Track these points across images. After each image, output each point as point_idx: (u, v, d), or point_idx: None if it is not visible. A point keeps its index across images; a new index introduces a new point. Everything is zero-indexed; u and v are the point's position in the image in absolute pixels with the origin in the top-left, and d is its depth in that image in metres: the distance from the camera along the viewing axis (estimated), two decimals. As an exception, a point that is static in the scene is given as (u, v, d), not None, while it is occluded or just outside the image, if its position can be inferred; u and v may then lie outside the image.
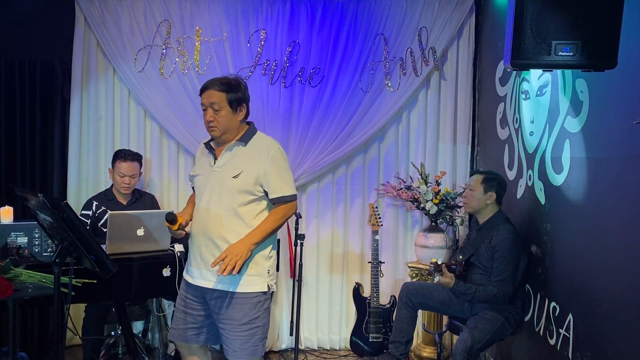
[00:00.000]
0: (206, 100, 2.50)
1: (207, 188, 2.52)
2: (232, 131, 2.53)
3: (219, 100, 2.47)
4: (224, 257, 2.37)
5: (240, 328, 2.48)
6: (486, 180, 3.29)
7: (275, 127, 4.12)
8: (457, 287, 3.14)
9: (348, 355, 4.18)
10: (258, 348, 2.52)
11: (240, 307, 2.48)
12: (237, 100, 2.50)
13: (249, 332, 2.48)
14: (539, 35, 1.80)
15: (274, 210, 2.53)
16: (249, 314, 2.48)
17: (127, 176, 3.65)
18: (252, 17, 4.12)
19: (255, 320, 2.50)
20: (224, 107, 2.48)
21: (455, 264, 3.29)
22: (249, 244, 2.42)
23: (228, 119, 2.49)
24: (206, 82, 2.56)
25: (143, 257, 3.04)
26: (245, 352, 2.49)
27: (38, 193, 2.21)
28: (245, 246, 2.41)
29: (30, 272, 2.59)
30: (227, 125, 2.50)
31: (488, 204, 3.27)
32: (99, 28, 4.02)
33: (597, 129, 2.52)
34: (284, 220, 2.54)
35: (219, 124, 2.49)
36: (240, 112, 2.53)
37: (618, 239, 2.33)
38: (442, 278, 3.13)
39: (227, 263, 2.35)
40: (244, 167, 2.48)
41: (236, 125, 2.54)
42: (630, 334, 2.22)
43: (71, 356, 3.98)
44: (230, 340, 2.50)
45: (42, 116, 4.06)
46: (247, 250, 2.40)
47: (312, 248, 4.27)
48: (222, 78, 2.54)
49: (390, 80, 4.18)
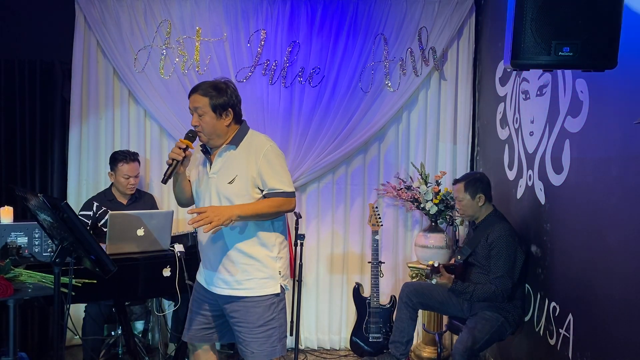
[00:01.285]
0: (191, 104, 2.46)
1: (205, 195, 2.50)
2: (219, 136, 2.48)
3: (202, 104, 2.42)
4: (204, 211, 2.29)
5: (256, 330, 2.47)
6: (467, 185, 3.29)
7: (275, 127, 4.12)
8: (455, 287, 3.14)
9: (348, 355, 4.18)
10: (277, 348, 2.51)
11: (254, 310, 2.47)
12: (221, 106, 2.43)
13: (265, 333, 2.48)
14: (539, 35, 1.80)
15: (271, 198, 2.45)
16: (264, 316, 2.47)
17: (131, 177, 3.67)
18: (252, 17, 4.12)
19: (271, 322, 2.49)
20: (207, 112, 2.42)
21: (453, 264, 3.29)
22: (232, 212, 2.32)
23: (212, 124, 2.43)
24: (194, 85, 2.52)
25: (143, 257, 3.04)
26: (263, 353, 2.48)
27: (38, 193, 2.21)
28: (228, 212, 2.32)
29: (30, 272, 2.58)
30: (212, 131, 2.45)
31: (481, 207, 3.28)
32: (99, 28, 4.02)
33: (597, 129, 2.52)
34: (276, 210, 2.44)
35: (203, 129, 2.44)
36: (226, 117, 2.46)
37: (618, 239, 2.33)
38: (440, 279, 3.13)
39: (202, 217, 2.27)
40: (238, 171, 2.44)
41: (222, 130, 2.47)
42: (630, 334, 2.22)
43: (71, 356, 3.98)
44: (247, 343, 2.49)
45: (42, 116, 4.07)
46: (228, 215, 2.30)
47: (312, 248, 4.27)
48: (209, 82, 2.49)
49: (390, 80, 4.18)
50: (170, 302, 3.74)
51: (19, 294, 2.44)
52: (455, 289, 3.15)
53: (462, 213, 3.37)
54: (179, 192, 2.59)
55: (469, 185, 3.29)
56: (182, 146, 2.43)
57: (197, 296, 2.64)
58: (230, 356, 3.97)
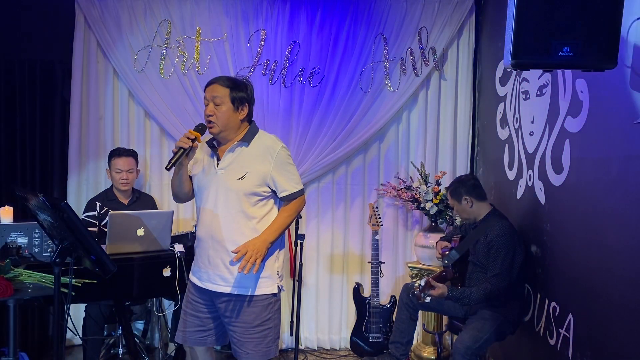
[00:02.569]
0: (209, 93, 2.47)
1: (211, 190, 2.49)
2: (232, 130, 2.49)
3: (222, 95, 2.44)
4: (245, 252, 2.34)
5: (252, 330, 2.47)
6: (452, 193, 3.34)
7: (275, 127, 4.12)
8: (451, 294, 3.10)
9: (348, 355, 4.18)
10: (271, 349, 2.51)
11: (251, 310, 2.47)
12: (240, 99, 2.47)
13: (261, 333, 2.47)
14: (539, 35, 1.80)
15: (286, 207, 2.52)
16: (261, 316, 2.47)
17: (124, 171, 3.65)
18: (252, 17, 4.12)
19: (267, 322, 2.49)
20: (226, 103, 2.44)
21: (443, 272, 3.26)
22: (266, 242, 2.40)
23: (228, 115, 2.45)
24: (212, 78, 2.55)
25: (143, 257, 3.04)
26: (259, 353, 2.48)
27: (38, 193, 2.21)
28: (263, 243, 2.39)
29: (30, 272, 2.58)
30: (226, 122, 2.46)
31: (472, 208, 3.28)
32: (99, 28, 4.02)
33: (597, 129, 2.52)
34: (296, 214, 2.55)
35: (218, 119, 2.45)
36: (242, 111, 2.49)
37: (618, 239, 2.33)
38: (434, 292, 3.06)
39: (247, 259, 2.33)
40: (249, 167, 2.45)
41: (236, 123, 2.49)
42: (630, 334, 2.22)
43: (71, 356, 3.98)
44: (242, 343, 2.48)
45: (42, 116, 4.07)
46: (264, 247, 2.39)
47: (312, 248, 4.27)
48: (229, 76, 2.55)
49: (390, 80, 4.18)
50: (170, 302, 3.74)
51: (19, 294, 2.44)
52: (452, 297, 3.11)
53: (459, 217, 3.39)
54: (179, 184, 2.58)
55: (453, 192, 3.33)
56: (191, 137, 2.44)
57: (191, 297, 2.60)
58: (230, 356, 3.96)
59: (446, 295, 3.10)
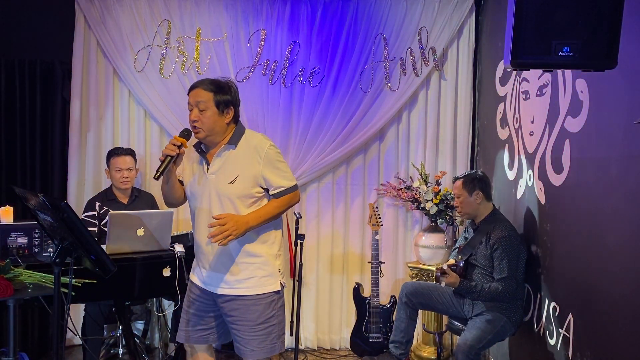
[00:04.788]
0: (192, 99, 2.44)
1: (204, 195, 2.48)
2: (218, 134, 2.46)
3: (206, 99, 2.41)
4: (224, 223, 2.31)
5: (256, 328, 2.46)
6: (466, 182, 3.32)
7: (276, 127, 4.12)
8: (462, 286, 3.15)
9: (348, 355, 4.18)
10: (276, 345, 2.51)
11: (254, 308, 2.46)
12: (225, 102, 2.43)
13: (265, 331, 2.47)
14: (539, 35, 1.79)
15: (277, 199, 2.48)
16: (264, 314, 2.47)
17: (123, 170, 3.66)
18: (252, 17, 4.12)
19: (271, 319, 2.49)
20: (210, 108, 2.41)
21: (455, 264, 3.29)
22: (247, 224, 2.37)
23: (213, 120, 2.42)
24: (195, 81, 2.52)
25: (143, 257, 3.04)
26: (264, 350, 2.48)
27: (38, 193, 2.21)
28: (244, 225, 2.36)
29: (30, 272, 2.58)
30: (212, 127, 2.43)
31: (479, 205, 3.28)
32: (99, 28, 4.02)
33: (597, 129, 2.52)
34: (286, 207, 2.51)
35: (203, 125, 2.42)
36: (227, 114, 2.45)
37: (618, 239, 2.33)
38: (447, 279, 3.14)
39: (222, 231, 2.30)
40: (239, 170, 2.43)
41: (222, 127, 2.46)
42: (630, 334, 2.22)
43: (71, 356, 3.98)
44: (246, 341, 2.48)
45: (42, 116, 4.06)
46: (243, 229, 2.36)
47: (312, 248, 4.27)
48: (212, 79, 2.49)
49: (390, 80, 4.18)
50: (170, 302, 3.74)
51: (19, 294, 2.44)
52: (462, 288, 3.16)
53: (461, 211, 3.38)
54: (168, 190, 2.56)
55: (467, 182, 3.31)
56: (177, 143, 2.41)
57: (191, 296, 2.60)
58: (230, 356, 3.96)
59: (457, 286, 3.15)
